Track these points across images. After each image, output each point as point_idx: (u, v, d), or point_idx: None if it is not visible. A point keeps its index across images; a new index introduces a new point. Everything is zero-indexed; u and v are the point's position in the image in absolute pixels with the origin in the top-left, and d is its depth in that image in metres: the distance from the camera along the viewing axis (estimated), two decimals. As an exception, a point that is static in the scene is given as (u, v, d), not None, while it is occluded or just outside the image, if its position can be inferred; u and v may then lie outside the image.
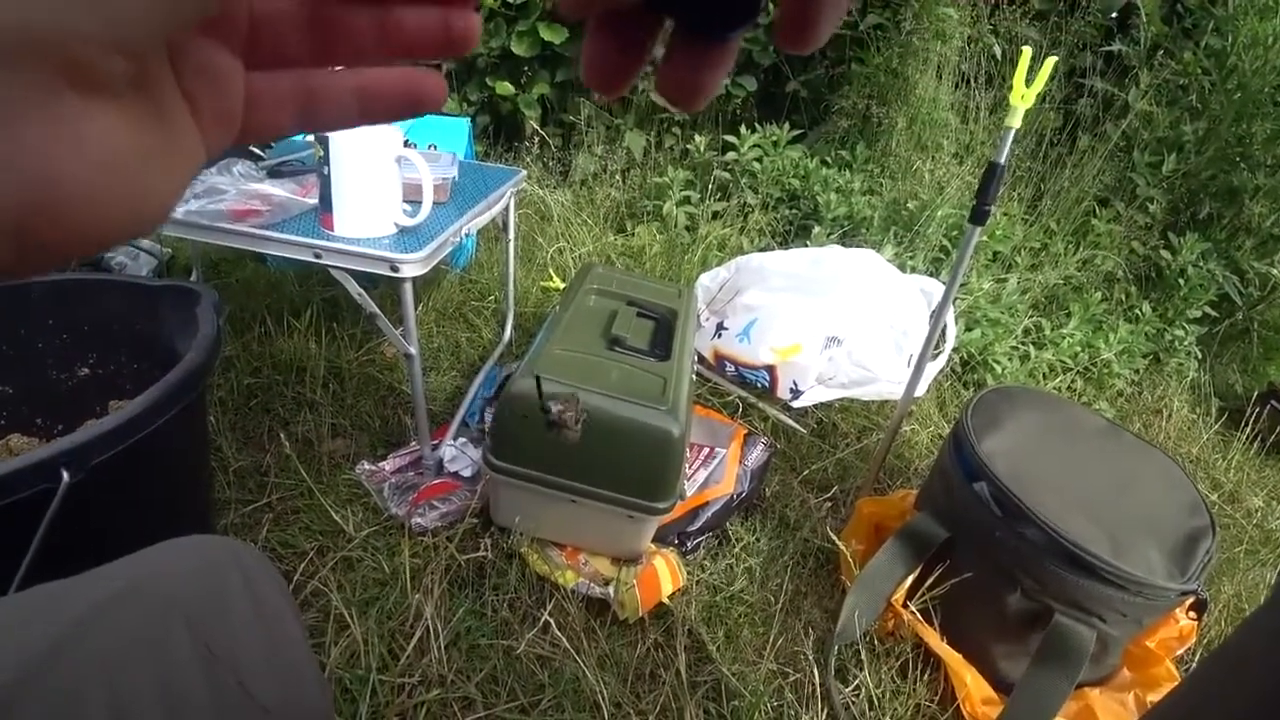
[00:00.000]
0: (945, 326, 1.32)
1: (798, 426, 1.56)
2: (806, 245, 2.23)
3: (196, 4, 0.15)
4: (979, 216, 1.10)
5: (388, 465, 1.32)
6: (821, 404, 1.61)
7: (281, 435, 1.36)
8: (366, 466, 1.31)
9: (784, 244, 2.37)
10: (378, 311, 1.07)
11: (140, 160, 0.17)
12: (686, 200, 2.34)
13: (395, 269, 1.01)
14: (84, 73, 0.15)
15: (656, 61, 0.21)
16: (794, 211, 2.44)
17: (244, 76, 0.20)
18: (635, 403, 1.00)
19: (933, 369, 1.68)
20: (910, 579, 1.12)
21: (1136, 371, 2.30)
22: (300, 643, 0.49)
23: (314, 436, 1.40)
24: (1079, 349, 2.23)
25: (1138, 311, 2.48)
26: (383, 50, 0.21)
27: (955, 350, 1.91)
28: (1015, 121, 1.07)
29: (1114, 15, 2.51)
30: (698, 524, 1.24)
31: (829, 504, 1.46)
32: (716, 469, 1.30)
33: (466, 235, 1.18)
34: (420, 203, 1.10)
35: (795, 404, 1.52)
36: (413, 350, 1.11)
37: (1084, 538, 0.98)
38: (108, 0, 0.14)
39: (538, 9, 2.50)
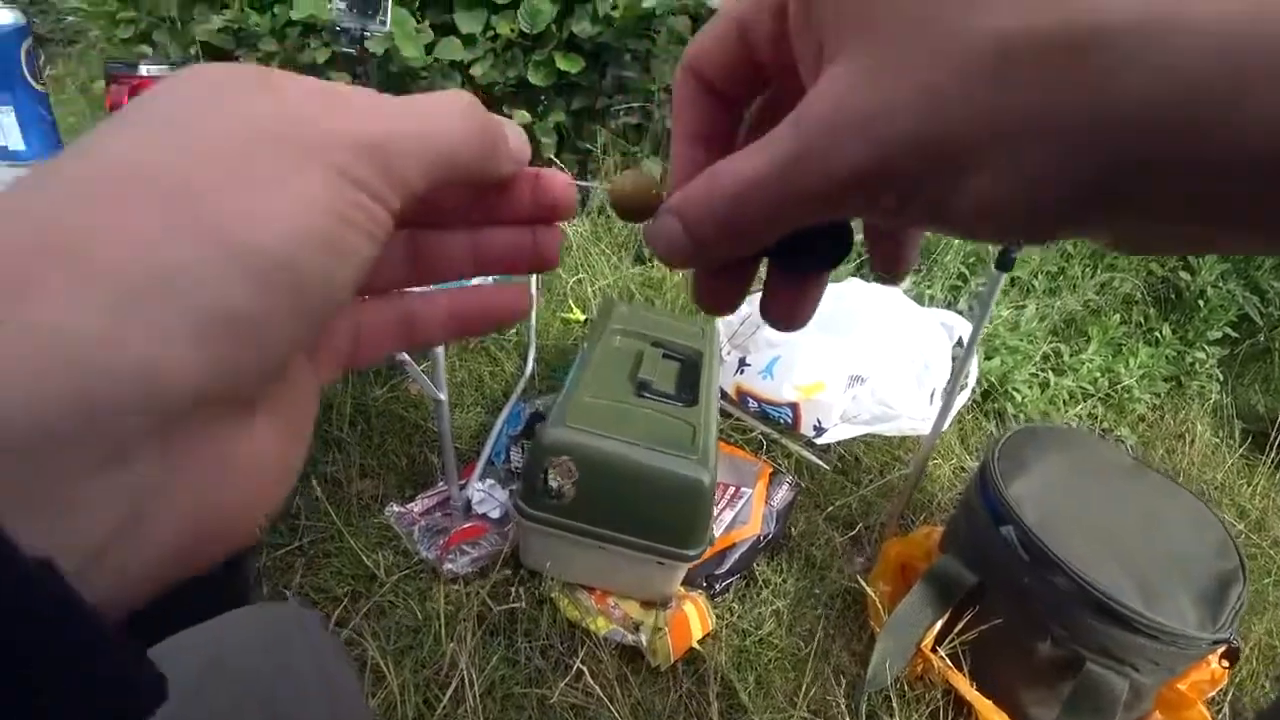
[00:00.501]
0: (970, 366, 1.33)
1: (821, 463, 1.57)
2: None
3: (331, 308, 0.16)
4: (1005, 264, 1.11)
5: (416, 507, 1.33)
6: (845, 439, 1.61)
7: (311, 476, 1.38)
8: (395, 509, 1.32)
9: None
10: (408, 359, 1.09)
11: (287, 454, 0.18)
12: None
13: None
14: (240, 401, 0.15)
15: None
16: (811, 240, 2.44)
17: (354, 311, 0.21)
18: (665, 452, 1.01)
19: (957, 402, 1.68)
20: (939, 624, 1.12)
21: (1158, 396, 2.28)
22: (362, 711, 0.51)
23: (343, 477, 1.42)
24: (1099, 374, 2.22)
25: (1158, 334, 2.47)
26: (476, 269, 0.23)
27: (976, 380, 1.91)
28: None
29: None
30: (726, 566, 1.25)
31: (854, 542, 1.46)
32: (743, 509, 1.30)
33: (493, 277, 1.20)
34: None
35: (819, 441, 1.53)
36: (442, 396, 1.12)
37: (1114, 587, 0.98)
38: (262, 342, 0.14)
39: (554, 39, 2.53)
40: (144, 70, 1.12)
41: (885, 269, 0.22)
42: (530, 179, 0.22)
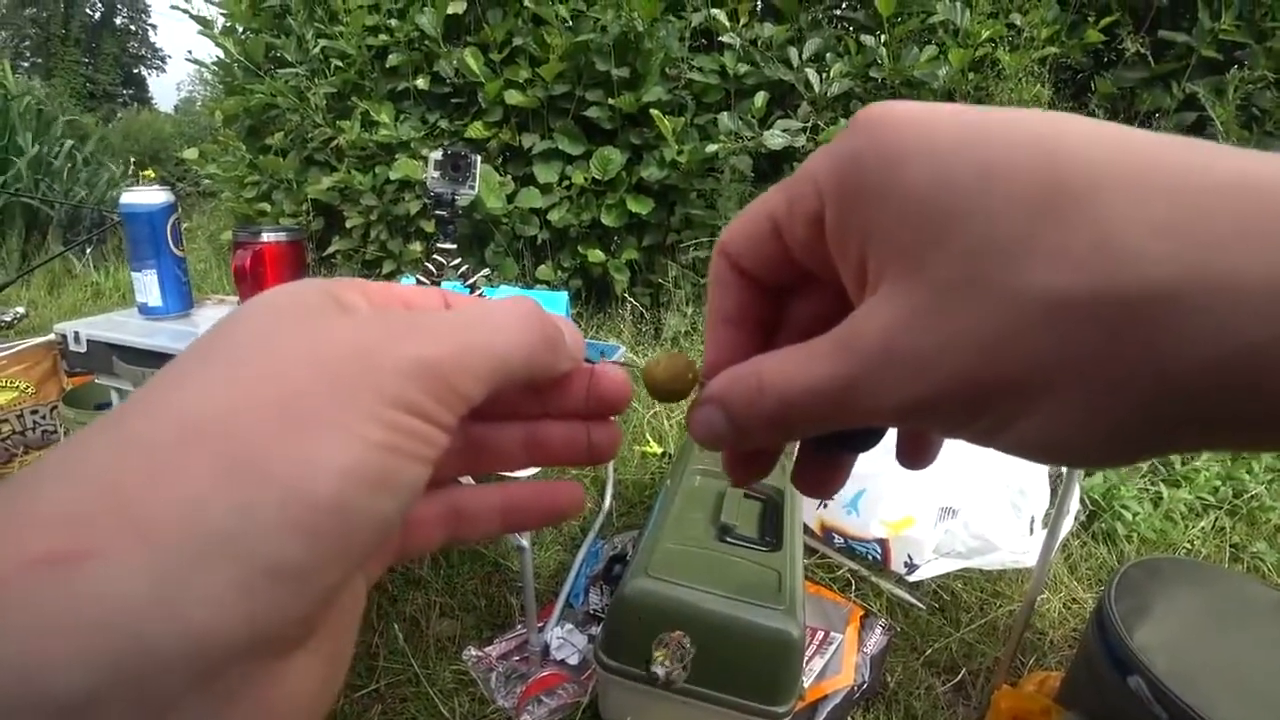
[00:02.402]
0: (1071, 492, 1.25)
1: (916, 602, 1.47)
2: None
3: (380, 541, 0.16)
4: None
5: (494, 650, 1.31)
6: (939, 575, 1.51)
7: (390, 615, 1.39)
8: (473, 653, 1.31)
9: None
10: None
11: (328, 679, 0.18)
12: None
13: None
14: (283, 643, 0.15)
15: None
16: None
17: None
18: (750, 602, 0.98)
19: (1060, 531, 1.57)
20: (1069, 796, 1.00)
21: (1293, 500, 2.06)
22: None
23: (422, 617, 1.42)
24: (1219, 483, 2.03)
25: (1282, 435, 2.26)
26: (529, 461, 0.23)
27: (1079, 502, 1.78)
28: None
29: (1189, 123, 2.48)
30: (818, 721, 1.16)
31: (957, 689, 1.34)
32: (833, 658, 1.22)
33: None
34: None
35: (911, 578, 1.44)
36: (525, 543, 1.13)
37: (1278, 756, 0.86)
38: (308, 589, 0.14)
39: (624, 184, 2.71)
40: (266, 237, 1.24)
41: (910, 462, 0.23)
42: (585, 374, 0.22)
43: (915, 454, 0.22)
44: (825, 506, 1.52)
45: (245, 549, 0.13)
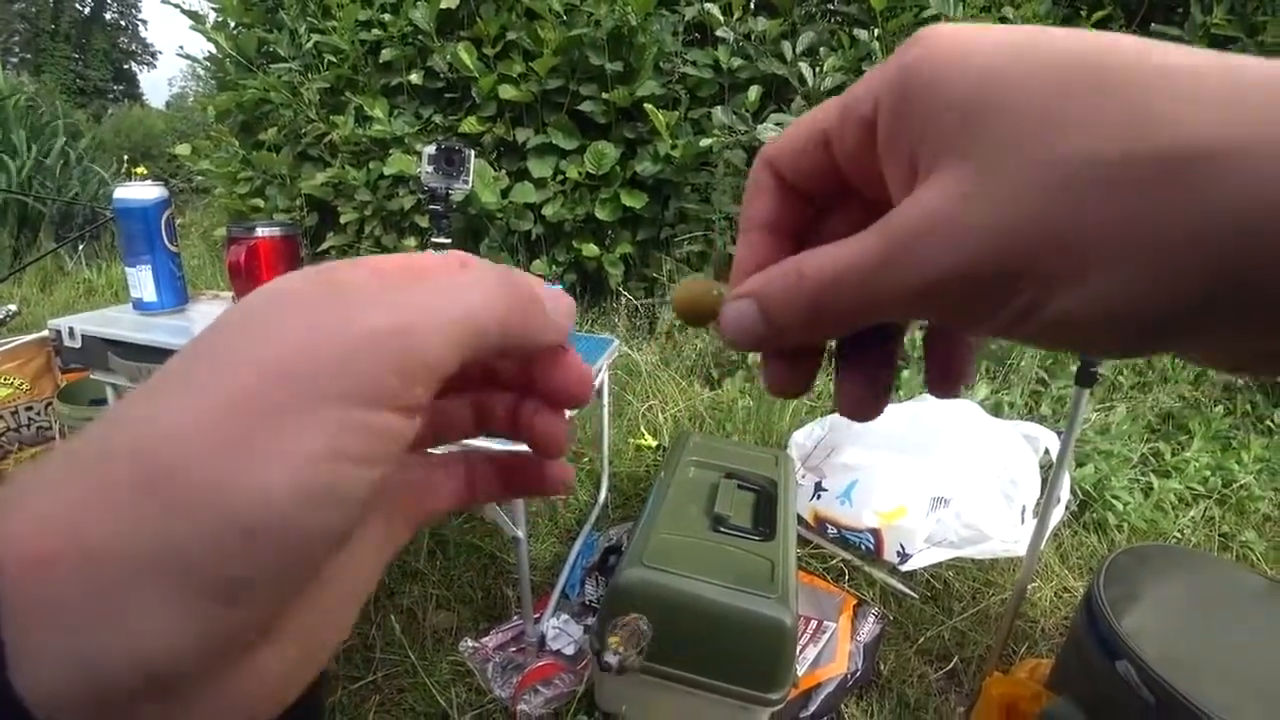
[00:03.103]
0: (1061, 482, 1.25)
1: (908, 591, 1.48)
2: (898, 389, 2.20)
3: (331, 546, 0.16)
4: (1086, 379, 1.07)
5: (490, 642, 1.32)
6: (931, 565, 1.53)
7: (388, 608, 1.40)
8: (470, 644, 1.32)
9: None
10: (488, 498, 1.11)
11: (306, 663, 0.18)
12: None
13: (505, 459, 1.06)
14: (235, 650, 0.15)
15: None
16: (879, 351, 2.42)
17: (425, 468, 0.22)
18: (744, 591, 0.99)
19: (1051, 520, 1.59)
20: (1059, 780, 1.01)
21: (1281, 490, 2.08)
22: None
23: (418, 609, 1.43)
24: (1208, 473, 2.05)
25: (1270, 423, 2.28)
26: (515, 435, 0.23)
27: (1070, 491, 1.80)
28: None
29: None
30: (811, 709, 1.17)
31: (949, 677, 1.35)
32: (827, 646, 1.23)
33: (570, 420, 1.23)
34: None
35: (904, 567, 1.45)
36: (520, 534, 1.14)
37: (1263, 738, 0.87)
38: (255, 601, 0.15)
39: (619, 179, 2.71)
40: (260, 233, 1.24)
41: (942, 382, 0.22)
42: (567, 357, 0.22)
43: (948, 369, 0.21)
44: (819, 497, 1.53)
45: (180, 572, 0.13)
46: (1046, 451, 1.65)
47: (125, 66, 23.19)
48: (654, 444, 2.00)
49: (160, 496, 0.14)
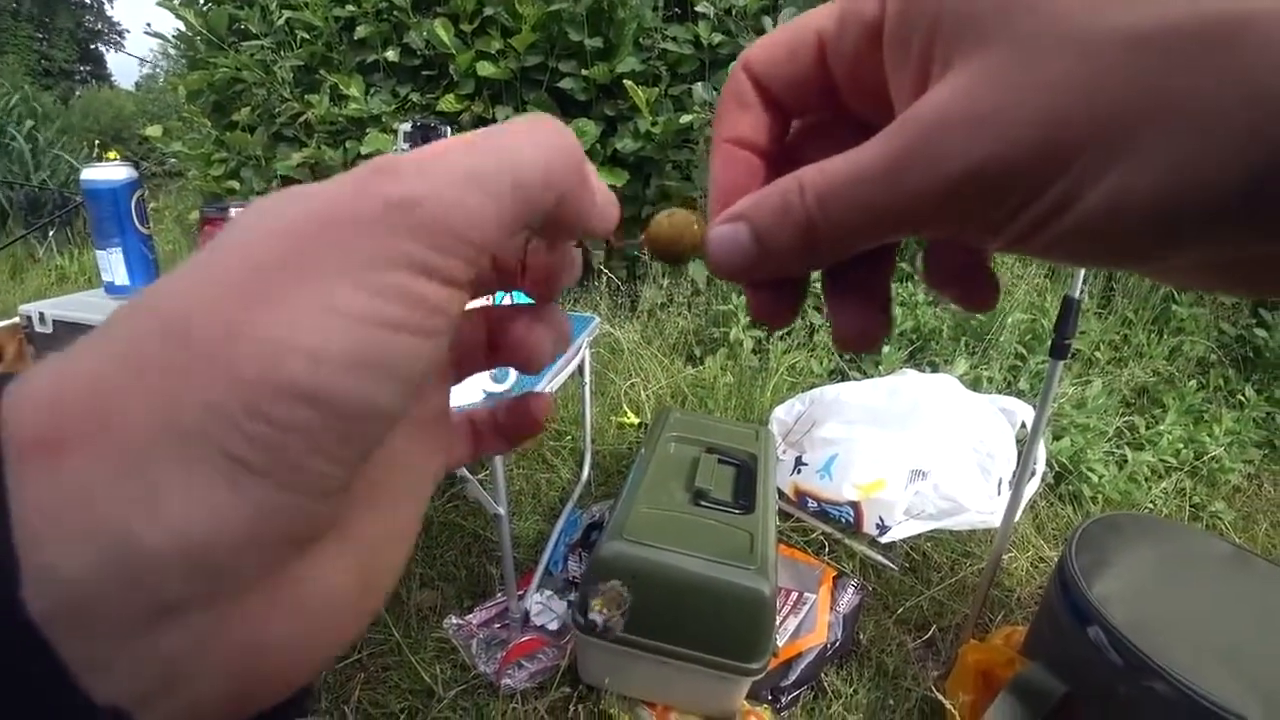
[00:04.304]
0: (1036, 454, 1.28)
1: (887, 563, 1.51)
2: (878, 364, 2.22)
3: (385, 423, 0.14)
4: (1060, 351, 1.09)
5: (475, 619, 1.33)
6: (910, 536, 1.55)
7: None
8: (454, 621, 1.32)
9: (854, 361, 2.37)
10: (469, 476, 1.12)
11: (371, 579, 0.17)
12: (752, 325, 2.38)
13: (485, 437, 1.06)
14: (293, 542, 0.14)
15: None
16: (860, 327, 2.44)
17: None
18: (723, 563, 1.00)
19: (1026, 492, 1.61)
20: (1030, 741, 1.04)
21: (1251, 464, 2.13)
22: None
23: (402, 588, 1.43)
24: (1181, 445, 2.10)
25: (1241, 397, 2.33)
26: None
27: (1046, 464, 1.83)
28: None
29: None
30: (791, 678, 1.19)
31: (927, 646, 1.38)
32: (807, 617, 1.25)
33: (551, 395, 1.23)
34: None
35: (883, 539, 1.47)
36: (501, 510, 1.14)
37: (1226, 695, 0.89)
38: (303, 483, 0.13)
39: (599, 156, 2.69)
40: (234, 213, 1.22)
41: (973, 296, 0.20)
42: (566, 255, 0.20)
43: (973, 284, 0.19)
44: (800, 471, 1.54)
45: (217, 445, 0.12)
46: (1023, 425, 1.68)
47: (92, 46, 22.57)
48: (636, 421, 2.01)
49: (187, 362, 0.12)
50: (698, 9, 2.57)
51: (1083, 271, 1.08)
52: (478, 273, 0.15)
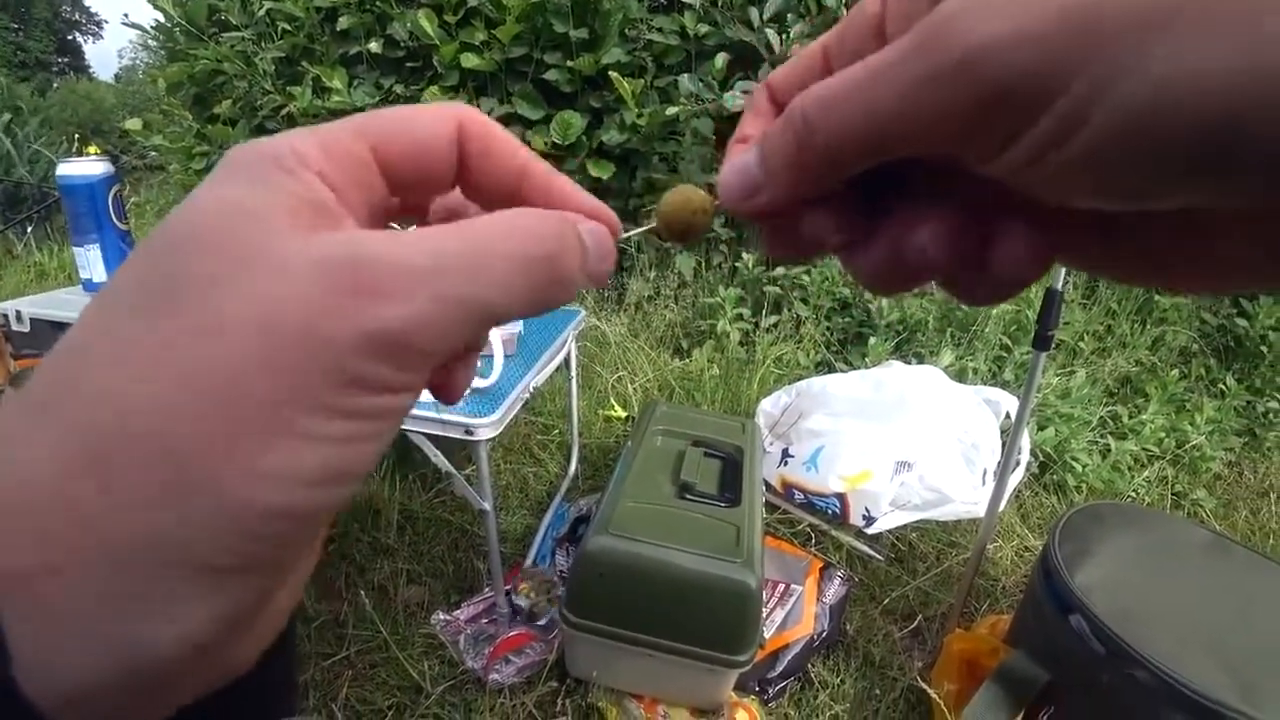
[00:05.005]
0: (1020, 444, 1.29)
1: (874, 553, 1.52)
2: (864, 355, 2.23)
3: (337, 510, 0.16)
4: (1043, 343, 1.09)
5: (462, 614, 1.32)
6: (896, 527, 1.56)
7: (359, 585, 1.39)
8: (442, 617, 1.32)
9: (840, 353, 2.38)
10: (455, 473, 1.11)
11: (292, 599, 0.19)
12: (739, 318, 2.38)
13: (470, 432, 1.05)
14: (259, 607, 0.16)
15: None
16: (848, 320, 2.45)
17: None
18: (709, 556, 1.00)
19: (1011, 482, 1.63)
20: (1013, 728, 1.05)
21: (1232, 451, 2.16)
22: None
23: (390, 584, 1.43)
24: (1163, 434, 2.12)
25: (1222, 386, 2.36)
26: None
27: (1030, 454, 1.85)
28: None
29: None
30: (779, 669, 1.20)
31: (913, 635, 1.39)
32: (794, 608, 1.26)
33: (535, 390, 1.23)
34: (491, 357, 1.15)
35: (869, 530, 1.48)
36: (487, 506, 1.14)
37: (1207, 682, 0.91)
38: (272, 571, 0.15)
39: (585, 148, 2.68)
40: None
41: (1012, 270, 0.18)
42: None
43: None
44: (786, 464, 1.55)
45: (200, 560, 0.13)
46: (1008, 415, 1.69)
47: (69, 37, 22.20)
48: (623, 415, 2.01)
49: (170, 480, 0.13)
50: (683, 0, 2.56)
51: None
52: None
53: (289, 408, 0.14)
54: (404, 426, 1.11)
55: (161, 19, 3.26)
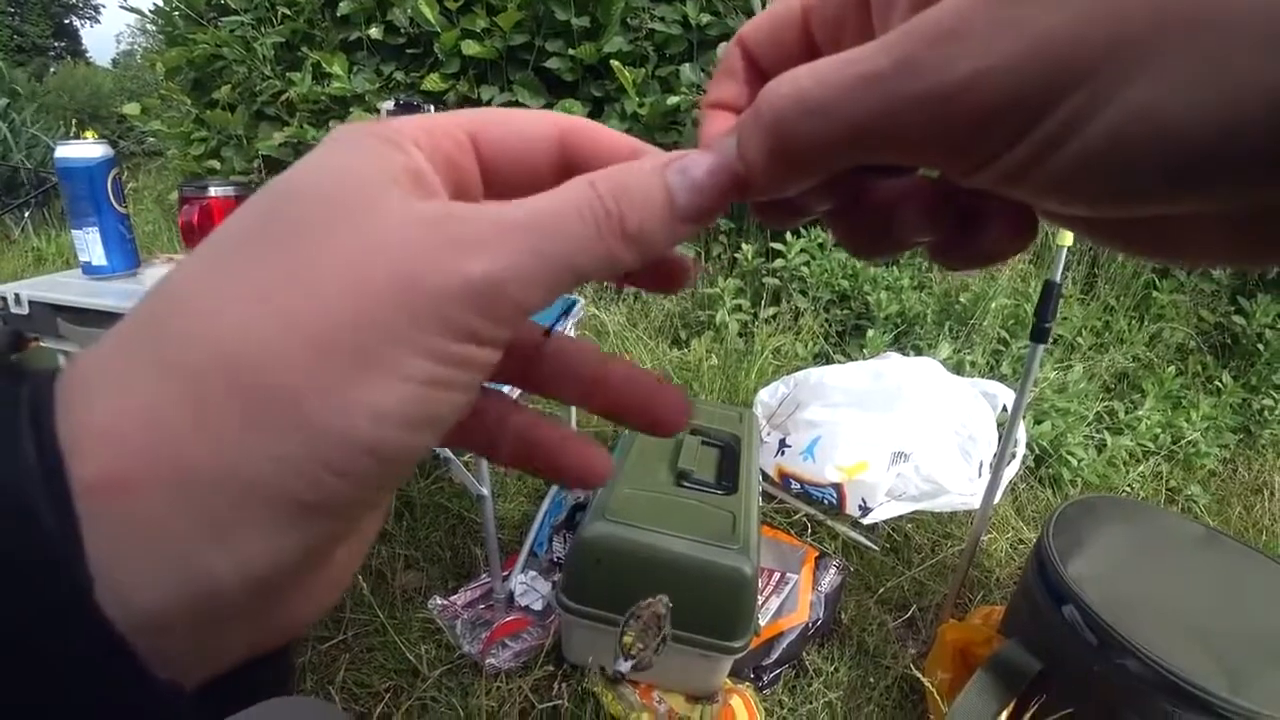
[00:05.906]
0: (1016, 437, 1.29)
1: (869, 544, 1.53)
2: (862, 347, 2.23)
3: (417, 462, 0.16)
4: (1040, 335, 1.10)
5: (459, 600, 1.33)
6: (892, 518, 1.57)
7: (356, 568, 1.40)
8: (439, 601, 1.33)
9: (839, 345, 2.38)
10: (453, 458, 1.12)
11: (353, 563, 0.19)
12: (738, 309, 2.39)
13: (469, 419, 1.05)
14: (329, 553, 0.16)
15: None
16: (846, 312, 2.45)
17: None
18: (706, 543, 1.01)
19: (1006, 474, 1.64)
20: (1004, 716, 1.06)
21: (1226, 448, 2.17)
22: None
23: (387, 569, 1.44)
24: (1159, 430, 2.13)
25: (1218, 383, 2.36)
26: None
27: (1027, 447, 1.86)
28: (1067, 240, 1.08)
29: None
30: (773, 656, 1.21)
31: (907, 625, 1.40)
32: (789, 597, 1.27)
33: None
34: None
35: (865, 520, 1.49)
36: (485, 492, 1.14)
37: (1194, 670, 0.92)
38: (348, 515, 0.15)
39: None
40: (213, 192, 1.20)
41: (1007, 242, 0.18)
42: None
43: (1013, 222, 0.17)
44: (783, 454, 1.56)
45: (282, 493, 0.14)
46: (1005, 408, 1.70)
47: (66, 21, 22.03)
48: (622, 405, 2.01)
49: (258, 415, 0.14)
50: (686, -11, 2.55)
51: (1064, 255, 1.09)
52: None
53: (387, 345, 0.14)
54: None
55: (160, 3, 3.24)
